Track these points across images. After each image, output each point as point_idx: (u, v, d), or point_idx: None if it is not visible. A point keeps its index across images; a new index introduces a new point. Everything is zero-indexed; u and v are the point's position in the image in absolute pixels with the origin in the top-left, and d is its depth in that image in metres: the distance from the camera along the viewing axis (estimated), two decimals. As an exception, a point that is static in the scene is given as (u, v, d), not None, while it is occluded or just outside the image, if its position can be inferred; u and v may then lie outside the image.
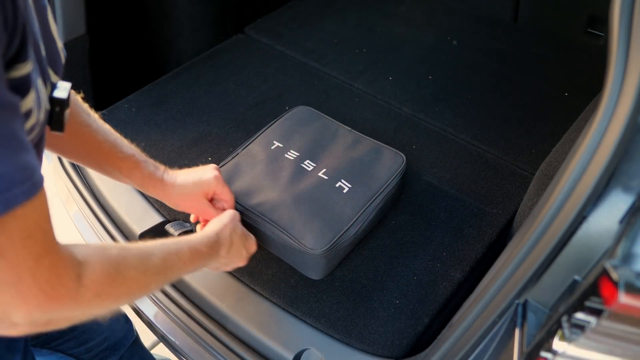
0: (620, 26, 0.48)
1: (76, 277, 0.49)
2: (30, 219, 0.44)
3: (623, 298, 0.45)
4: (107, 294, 0.54)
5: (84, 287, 0.50)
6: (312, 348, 0.89)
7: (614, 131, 0.50)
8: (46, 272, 0.46)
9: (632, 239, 0.49)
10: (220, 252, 0.79)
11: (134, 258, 0.59)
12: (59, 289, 0.47)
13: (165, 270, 0.65)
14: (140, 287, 0.61)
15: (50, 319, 0.49)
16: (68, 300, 0.49)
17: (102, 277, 0.53)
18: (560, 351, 0.52)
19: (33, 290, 0.46)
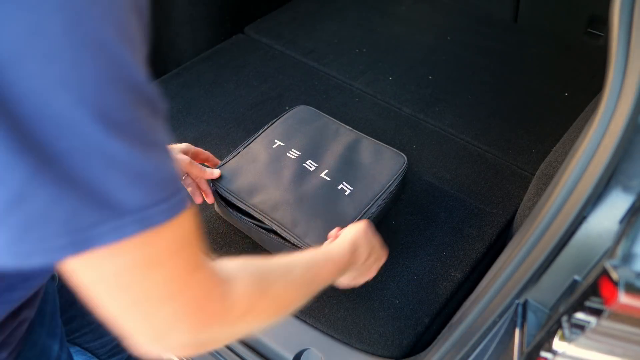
0: (620, 26, 0.48)
1: (225, 294, 0.47)
2: (187, 229, 0.43)
3: (623, 298, 0.45)
4: (255, 311, 0.51)
5: (233, 304, 0.48)
6: (312, 348, 0.88)
7: (614, 131, 0.50)
8: (198, 287, 0.45)
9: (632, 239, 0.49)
10: (359, 260, 0.76)
11: (278, 271, 0.57)
12: (210, 306, 0.46)
13: (308, 284, 0.62)
14: (286, 302, 0.58)
15: (204, 340, 0.47)
16: (219, 318, 0.47)
17: (250, 293, 0.51)
18: (560, 351, 0.52)
19: (186, 306, 0.44)
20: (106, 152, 0.36)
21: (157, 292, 0.42)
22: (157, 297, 0.42)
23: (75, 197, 0.35)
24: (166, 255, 0.42)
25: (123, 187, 0.37)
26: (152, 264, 0.41)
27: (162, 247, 0.41)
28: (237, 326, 0.51)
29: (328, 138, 1.11)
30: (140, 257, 0.40)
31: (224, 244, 1.03)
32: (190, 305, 0.44)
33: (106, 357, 0.98)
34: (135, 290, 0.41)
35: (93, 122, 0.35)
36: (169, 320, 0.44)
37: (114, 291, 0.42)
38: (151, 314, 0.43)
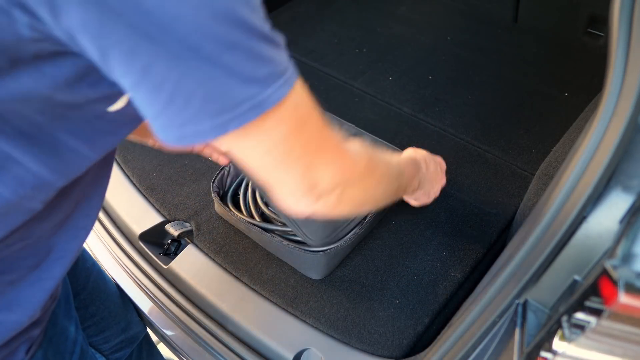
0: (620, 26, 0.48)
1: (350, 150, 0.56)
2: (306, 90, 0.50)
3: (623, 298, 0.45)
4: (370, 177, 0.61)
5: (357, 160, 0.57)
6: (312, 348, 0.89)
7: (614, 131, 0.50)
8: (334, 137, 0.53)
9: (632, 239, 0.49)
10: (420, 166, 0.87)
11: (382, 158, 0.67)
12: (344, 154, 0.54)
13: (395, 177, 0.72)
14: (388, 171, 0.68)
15: (344, 189, 0.55)
16: (350, 168, 0.55)
17: (365, 153, 0.60)
18: (560, 351, 0.52)
19: (332, 153, 0.53)
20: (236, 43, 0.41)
21: (311, 147, 0.50)
22: (311, 150, 0.50)
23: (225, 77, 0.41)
24: (307, 114, 0.50)
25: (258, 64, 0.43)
26: (301, 124, 0.49)
27: (302, 107, 0.49)
28: (362, 185, 0.59)
29: None
30: (293, 121, 0.47)
31: (224, 244, 1.03)
32: (333, 151, 0.53)
33: (109, 352, 0.99)
34: (297, 150, 0.49)
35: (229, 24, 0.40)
36: (321, 169, 0.52)
37: (282, 155, 0.48)
38: (309, 167, 0.51)
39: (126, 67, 0.39)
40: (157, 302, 1.00)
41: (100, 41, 0.38)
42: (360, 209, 0.64)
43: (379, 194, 0.66)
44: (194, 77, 0.40)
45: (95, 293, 0.94)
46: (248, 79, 0.42)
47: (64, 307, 0.76)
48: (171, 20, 0.37)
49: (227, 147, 0.47)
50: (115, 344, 0.99)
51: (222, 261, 1.00)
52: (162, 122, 0.42)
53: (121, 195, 1.13)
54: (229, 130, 0.43)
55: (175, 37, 0.38)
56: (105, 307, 0.96)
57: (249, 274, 0.98)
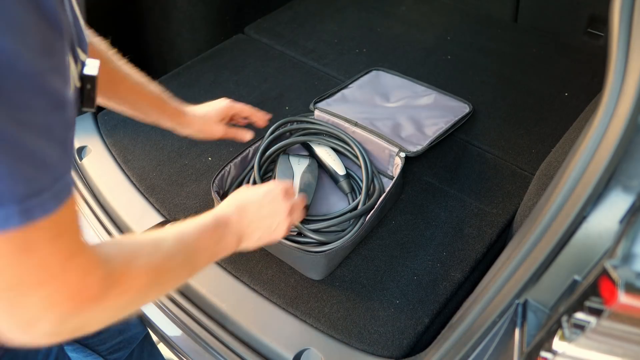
0: (620, 26, 0.48)
1: (102, 277, 0.46)
2: (68, 216, 0.42)
3: (623, 298, 0.45)
4: (133, 289, 0.51)
5: (110, 286, 0.47)
6: (312, 348, 0.89)
7: (614, 131, 0.50)
8: (74, 273, 0.43)
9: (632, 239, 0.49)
10: (227, 219, 0.70)
11: (148, 246, 0.56)
12: (86, 290, 0.45)
13: (183, 251, 0.60)
14: (164, 274, 0.57)
15: (78, 324, 0.46)
16: (95, 301, 0.46)
17: (124, 272, 0.50)
18: (560, 351, 0.52)
19: (61, 292, 0.43)
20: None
21: (28, 279, 0.40)
22: (28, 283, 0.40)
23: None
24: (43, 242, 0.40)
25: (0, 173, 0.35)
26: (27, 251, 0.39)
27: (39, 235, 0.39)
28: (119, 305, 0.50)
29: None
30: (14, 245, 0.38)
31: (224, 244, 1.03)
32: (64, 291, 0.43)
33: (107, 353, 0.98)
34: (4, 277, 0.39)
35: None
36: (38, 309, 0.42)
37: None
38: (19, 301, 0.41)
39: None
40: (157, 302, 1.00)
41: None
42: (127, 314, 0.53)
43: (150, 299, 0.58)
44: None
45: None
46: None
47: None
48: None
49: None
50: (113, 345, 0.99)
51: (222, 261, 1.00)
52: None
53: (121, 195, 1.13)
54: None
55: None
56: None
57: (249, 274, 0.98)
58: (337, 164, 1.10)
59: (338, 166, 1.10)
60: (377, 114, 1.21)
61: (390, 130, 1.17)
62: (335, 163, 1.10)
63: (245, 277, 0.98)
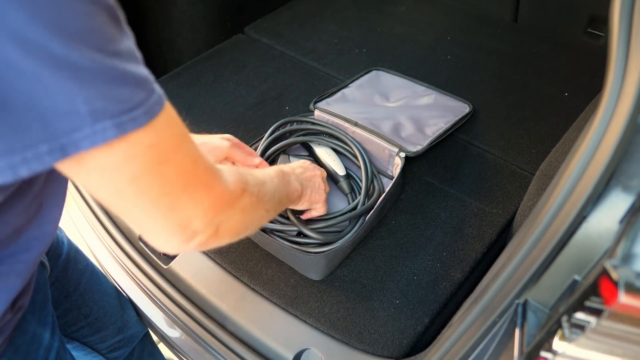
0: (620, 26, 0.48)
1: (224, 180, 0.53)
2: (177, 123, 0.47)
3: (623, 298, 0.45)
4: (249, 191, 0.59)
5: (232, 188, 0.55)
6: (312, 348, 0.89)
7: (614, 131, 0.50)
8: (204, 173, 0.50)
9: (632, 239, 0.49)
10: (288, 173, 0.82)
11: (245, 169, 0.65)
12: (218, 188, 0.52)
13: (270, 181, 0.70)
14: (265, 190, 0.66)
15: (220, 223, 0.53)
16: (227, 199, 0.53)
17: (238, 178, 0.57)
18: (560, 351, 0.52)
19: (200, 191, 0.49)
20: (69, 62, 0.37)
21: (174, 185, 0.46)
22: (175, 189, 0.47)
23: (50, 105, 0.37)
24: (170, 150, 0.46)
25: (95, 94, 0.39)
26: (161, 162, 0.45)
27: (162, 144, 0.44)
28: (248, 213, 0.58)
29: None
30: (147, 159, 0.44)
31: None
32: (203, 189, 0.50)
33: (106, 352, 0.99)
34: (155, 189, 0.45)
35: (50, 35, 0.36)
36: (189, 208, 0.48)
37: (134, 196, 0.45)
38: (173, 206, 0.47)
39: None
40: (157, 302, 1.00)
41: None
42: (242, 236, 0.61)
43: (260, 217, 0.65)
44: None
45: (88, 294, 0.93)
46: (53, 113, 0.38)
47: (39, 313, 0.73)
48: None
49: (71, 177, 0.44)
50: (112, 344, 0.99)
51: (222, 261, 1.00)
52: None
53: (121, 195, 1.13)
54: (21, 174, 0.39)
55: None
56: (100, 307, 0.95)
57: (249, 274, 0.98)
58: (337, 164, 1.10)
59: (338, 166, 1.10)
60: (377, 114, 1.21)
61: (390, 130, 1.17)
62: (335, 163, 1.10)
63: (245, 277, 0.98)
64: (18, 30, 0.35)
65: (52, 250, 0.85)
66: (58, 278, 0.86)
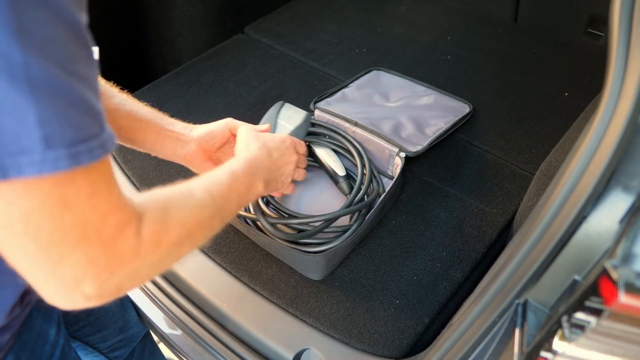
0: (620, 26, 0.48)
1: (137, 232, 0.46)
2: (108, 169, 0.42)
3: (623, 298, 0.45)
4: (167, 242, 0.50)
5: (145, 240, 0.47)
6: (312, 348, 0.89)
7: (614, 131, 0.50)
8: (111, 229, 0.43)
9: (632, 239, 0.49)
10: (259, 163, 0.74)
11: (179, 197, 0.55)
12: (123, 246, 0.45)
13: (214, 201, 0.60)
14: (197, 226, 0.56)
15: (119, 283, 0.46)
16: (133, 257, 0.46)
17: (157, 225, 0.49)
18: (560, 351, 0.52)
19: (100, 249, 0.43)
20: (27, 72, 0.34)
21: (68, 236, 0.40)
22: (68, 241, 0.40)
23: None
24: (84, 196, 0.40)
25: (52, 115, 0.35)
26: (68, 205, 0.39)
27: (82, 187, 0.39)
28: (156, 260, 0.50)
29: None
30: (56, 197, 0.38)
31: (224, 243, 1.03)
32: (103, 247, 0.43)
33: (108, 351, 0.99)
34: (44, 234, 0.39)
35: (9, 35, 0.33)
36: (80, 266, 0.42)
37: (21, 236, 0.39)
38: (61, 260, 0.41)
39: None
40: (157, 302, 1.00)
41: None
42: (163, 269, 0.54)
43: (184, 253, 0.56)
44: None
45: None
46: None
47: (44, 310, 0.73)
48: None
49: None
50: (114, 343, 0.99)
51: (222, 261, 1.00)
52: None
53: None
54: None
55: None
56: (101, 307, 0.95)
57: (249, 274, 0.98)
58: (337, 164, 1.10)
59: (338, 167, 1.09)
60: (377, 114, 1.21)
61: (390, 130, 1.17)
62: (335, 164, 1.10)
63: (245, 277, 0.98)
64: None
65: None
66: None
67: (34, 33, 0.34)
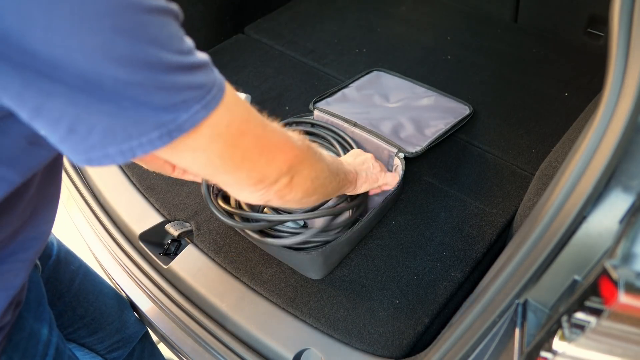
0: (620, 26, 0.48)
1: (297, 140, 0.62)
2: (238, 96, 0.53)
3: (623, 298, 0.45)
4: (321, 161, 0.69)
5: (308, 148, 0.64)
6: (312, 348, 0.89)
7: (614, 131, 0.50)
8: (273, 135, 0.57)
9: (632, 239, 0.49)
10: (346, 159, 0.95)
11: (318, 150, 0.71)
12: (287, 145, 0.59)
13: (335, 172, 0.76)
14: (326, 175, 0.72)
15: (293, 175, 0.61)
16: (300, 156, 0.61)
17: (315, 148, 0.68)
18: (560, 351, 0.52)
19: (275, 150, 0.57)
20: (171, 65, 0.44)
21: (252, 151, 0.54)
22: (254, 154, 0.54)
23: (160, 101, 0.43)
24: (241, 128, 0.52)
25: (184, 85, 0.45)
26: (235, 138, 0.51)
27: (235, 122, 0.51)
28: (307, 172, 0.64)
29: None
30: (225, 137, 0.50)
31: (224, 244, 1.03)
32: (275, 149, 0.57)
33: (105, 352, 0.99)
34: (237, 158, 0.53)
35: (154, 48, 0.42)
36: (266, 166, 0.56)
37: (222, 166, 0.52)
38: (253, 167, 0.55)
39: (19, 108, 0.41)
40: (157, 302, 1.00)
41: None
42: (310, 196, 0.68)
43: (323, 182, 0.71)
44: (94, 110, 0.41)
45: (83, 295, 0.93)
46: (158, 107, 0.43)
47: (35, 310, 0.74)
48: (63, 60, 0.38)
49: (166, 158, 0.50)
50: (111, 344, 0.99)
51: (222, 261, 1.00)
52: (67, 147, 0.43)
53: (121, 195, 1.13)
54: (137, 155, 0.44)
55: (71, 73, 0.39)
56: (96, 309, 0.95)
57: (249, 274, 0.98)
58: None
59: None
60: (377, 114, 1.21)
61: (389, 130, 1.17)
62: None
63: (245, 277, 0.98)
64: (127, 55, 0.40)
65: (42, 252, 0.85)
66: (49, 279, 0.86)
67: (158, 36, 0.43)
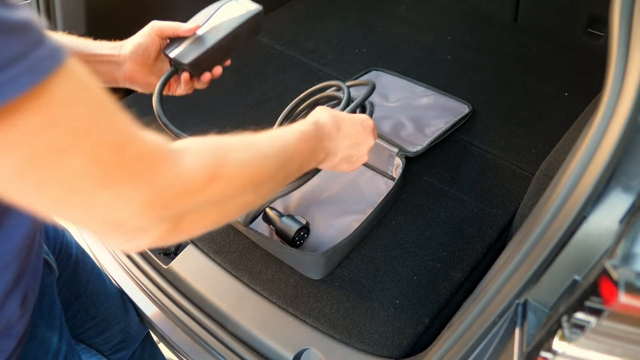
0: (620, 26, 0.48)
1: (175, 164, 0.41)
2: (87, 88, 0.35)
3: (623, 298, 0.45)
4: (225, 178, 0.46)
5: (191, 173, 0.42)
6: (312, 348, 0.88)
7: (614, 131, 0.50)
8: (138, 161, 0.38)
9: (632, 239, 0.49)
10: (326, 129, 0.69)
11: (238, 142, 0.52)
12: (159, 179, 0.39)
13: (279, 154, 0.56)
14: (261, 172, 0.52)
15: (179, 218, 0.42)
16: (177, 189, 0.41)
17: (207, 158, 0.45)
18: (560, 351, 0.52)
19: (132, 184, 0.37)
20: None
21: (84, 183, 0.35)
22: (86, 187, 0.35)
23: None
24: (74, 132, 0.33)
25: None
26: (60, 150, 0.33)
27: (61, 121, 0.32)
28: (210, 197, 0.45)
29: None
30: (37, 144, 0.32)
31: (224, 244, 1.03)
32: (133, 183, 0.37)
33: (110, 353, 0.99)
34: (55, 189, 0.33)
35: None
36: (117, 207, 0.37)
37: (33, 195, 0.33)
38: (90, 206, 0.36)
39: None
40: (157, 302, 1.00)
41: None
42: (218, 226, 0.50)
43: (245, 203, 0.51)
44: None
45: (95, 295, 0.93)
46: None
47: (47, 317, 0.72)
48: None
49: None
50: (116, 344, 0.99)
51: (222, 261, 1.00)
52: None
53: (121, 195, 1.13)
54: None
55: None
56: (105, 308, 0.96)
57: (249, 274, 0.98)
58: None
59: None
60: (377, 114, 1.21)
61: (389, 130, 1.17)
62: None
63: (245, 277, 0.98)
64: None
65: (62, 252, 0.85)
66: (69, 279, 0.86)
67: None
